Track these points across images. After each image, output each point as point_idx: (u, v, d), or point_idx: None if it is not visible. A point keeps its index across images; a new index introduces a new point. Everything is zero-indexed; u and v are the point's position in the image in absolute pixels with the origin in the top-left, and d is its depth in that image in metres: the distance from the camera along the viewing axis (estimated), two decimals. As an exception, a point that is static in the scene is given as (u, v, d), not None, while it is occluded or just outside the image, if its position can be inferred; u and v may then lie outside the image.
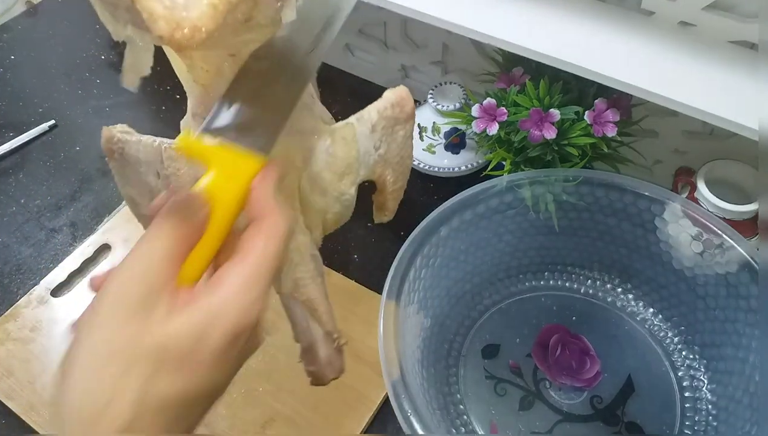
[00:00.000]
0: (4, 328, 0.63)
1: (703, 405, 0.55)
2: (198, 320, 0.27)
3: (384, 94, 0.42)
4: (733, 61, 0.52)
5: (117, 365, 0.26)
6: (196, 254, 0.30)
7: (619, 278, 0.62)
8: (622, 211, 0.59)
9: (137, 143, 0.41)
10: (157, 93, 0.87)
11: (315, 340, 0.41)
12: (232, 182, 0.31)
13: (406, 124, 0.41)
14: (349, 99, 0.85)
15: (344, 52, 0.86)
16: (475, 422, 0.55)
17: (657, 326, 0.60)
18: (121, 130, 0.42)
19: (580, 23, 0.55)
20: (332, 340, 0.41)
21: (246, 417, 0.56)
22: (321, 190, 0.39)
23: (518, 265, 0.64)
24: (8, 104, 0.87)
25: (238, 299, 0.28)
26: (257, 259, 0.29)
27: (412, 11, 0.58)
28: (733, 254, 0.53)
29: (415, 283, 0.54)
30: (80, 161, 0.80)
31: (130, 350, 0.26)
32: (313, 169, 0.38)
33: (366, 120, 0.40)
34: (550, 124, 0.57)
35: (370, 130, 0.40)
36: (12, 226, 0.73)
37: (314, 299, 0.40)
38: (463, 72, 0.77)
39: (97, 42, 0.96)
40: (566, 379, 0.57)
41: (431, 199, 0.73)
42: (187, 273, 0.29)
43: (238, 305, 0.28)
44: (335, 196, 0.40)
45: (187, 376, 0.27)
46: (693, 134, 0.64)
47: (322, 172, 0.39)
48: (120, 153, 0.42)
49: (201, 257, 0.30)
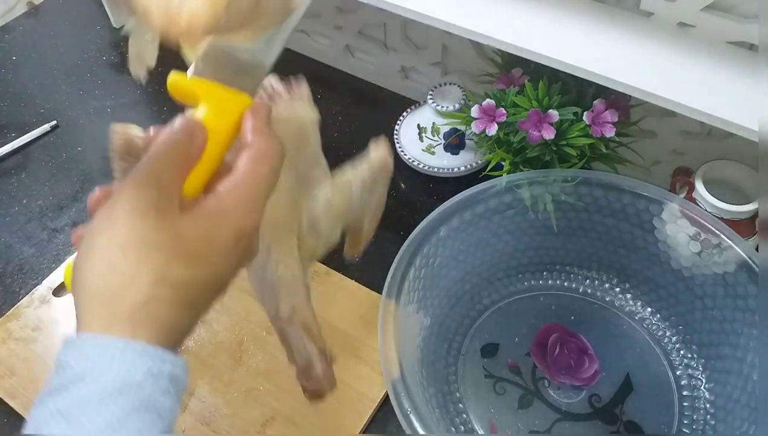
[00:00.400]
0: (7, 327, 0.63)
1: (701, 404, 0.55)
2: (206, 221, 0.31)
3: (371, 151, 0.48)
4: (731, 62, 0.52)
5: (137, 250, 0.29)
6: (195, 174, 0.33)
7: (617, 277, 0.63)
8: (621, 212, 0.59)
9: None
10: (159, 94, 0.87)
11: (311, 357, 0.44)
12: (225, 114, 0.34)
13: (386, 182, 0.48)
14: (349, 100, 0.86)
15: (344, 53, 0.87)
16: (475, 421, 0.55)
17: (655, 326, 0.60)
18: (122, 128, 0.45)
19: (579, 24, 0.56)
20: (325, 356, 0.44)
21: (246, 417, 0.57)
22: (316, 232, 0.45)
23: (517, 265, 0.64)
24: (10, 105, 0.88)
25: (239, 205, 0.32)
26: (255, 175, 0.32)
27: (411, 12, 0.58)
28: (731, 254, 0.53)
29: (414, 282, 0.54)
30: (82, 161, 0.80)
31: (149, 239, 0.29)
32: (313, 213, 0.44)
33: (359, 176, 0.46)
34: (548, 124, 0.57)
35: (361, 185, 0.46)
36: (14, 226, 0.74)
37: (309, 321, 0.43)
38: (463, 73, 0.77)
39: (99, 43, 0.96)
40: (565, 378, 0.57)
41: (431, 199, 0.73)
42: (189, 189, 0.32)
43: (240, 211, 0.32)
44: (326, 238, 0.45)
45: (197, 266, 0.30)
46: (691, 135, 0.64)
47: (321, 217, 0.44)
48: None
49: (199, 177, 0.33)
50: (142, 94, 0.87)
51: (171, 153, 0.32)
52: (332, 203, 0.44)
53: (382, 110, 0.83)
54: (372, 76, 0.87)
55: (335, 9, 0.83)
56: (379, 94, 0.86)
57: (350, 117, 0.83)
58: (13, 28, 1.00)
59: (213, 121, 0.34)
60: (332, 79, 0.88)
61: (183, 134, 0.32)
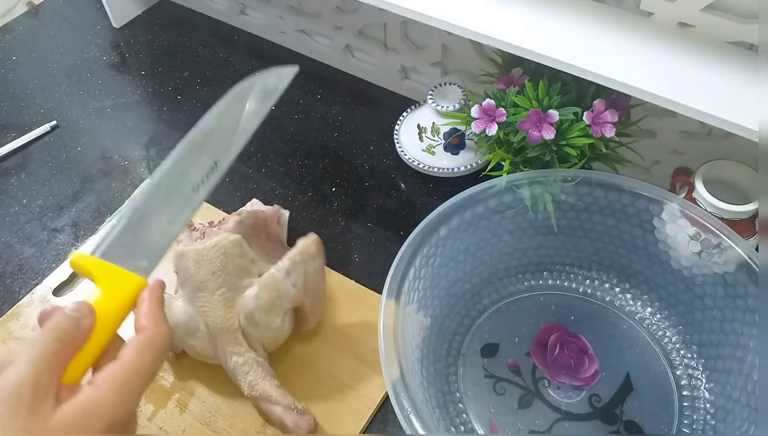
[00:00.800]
0: (7, 327, 0.63)
1: (701, 404, 0.55)
2: (80, 415, 0.32)
3: (296, 242, 0.57)
4: (731, 62, 0.52)
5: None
6: (81, 356, 0.35)
7: (617, 277, 0.63)
8: (621, 212, 0.59)
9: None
10: (158, 94, 0.87)
11: (280, 415, 0.53)
12: (116, 297, 0.37)
13: (314, 262, 0.57)
14: (349, 100, 0.86)
15: (344, 53, 0.87)
16: (475, 421, 0.55)
17: (655, 326, 0.60)
18: None
19: (579, 24, 0.56)
20: (292, 409, 0.53)
21: (246, 417, 0.57)
22: (254, 323, 0.54)
23: (517, 264, 0.64)
24: (10, 105, 0.88)
25: (116, 397, 0.33)
26: (137, 365, 0.35)
27: (411, 12, 0.58)
28: (731, 254, 0.53)
29: (415, 282, 0.54)
30: (82, 161, 0.80)
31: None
32: (246, 309, 0.54)
33: (282, 268, 0.55)
34: (548, 124, 0.57)
35: (286, 274, 0.55)
36: (14, 226, 0.74)
37: (266, 391, 0.54)
38: (463, 73, 0.77)
39: (99, 43, 0.97)
40: (565, 378, 0.57)
41: (430, 199, 0.73)
42: (73, 372, 0.34)
43: (115, 403, 0.33)
44: (265, 326, 0.55)
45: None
46: (691, 135, 0.64)
47: (254, 312, 0.54)
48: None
49: (85, 359, 0.35)
50: (142, 94, 0.87)
51: (53, 342, 0.33)
52: (260, 297, 0.54)
53: (382, 110, 0.83)
54: (372, 76, 0.87)
55: (335, 9, 0.83)
56: (379, 94, 0.86)
57: (350, 117, 0.83)
58: (13, 28, 1.00)
59: (104, 304, 0.36)
60: (332, 79, 0.88)
61: (70, 320, 0.34)
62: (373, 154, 0.79)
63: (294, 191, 0.75)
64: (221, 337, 0.54)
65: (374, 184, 0.75)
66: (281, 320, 0.56)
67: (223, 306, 0.54)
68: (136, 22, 1.00)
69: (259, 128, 0.45)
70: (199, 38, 0.96)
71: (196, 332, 0.55)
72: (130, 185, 0.77)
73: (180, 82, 0.89)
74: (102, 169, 0.79)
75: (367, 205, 0.74)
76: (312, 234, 0.58)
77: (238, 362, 0.54)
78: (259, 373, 0.54)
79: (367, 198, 0.74)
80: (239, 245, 0.55)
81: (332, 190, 0.75)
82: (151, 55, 0.94)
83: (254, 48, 0.94)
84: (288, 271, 0.55)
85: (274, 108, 0.47)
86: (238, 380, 0.55)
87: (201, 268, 0.54)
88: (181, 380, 0.59)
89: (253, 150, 0.79)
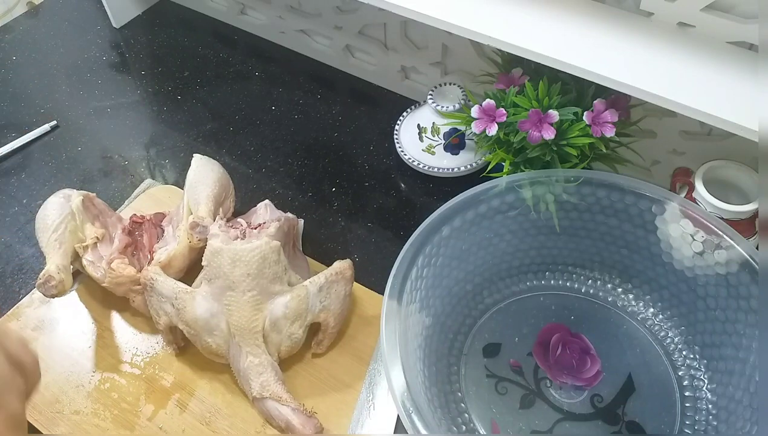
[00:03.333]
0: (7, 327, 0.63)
1: (703, 405, 0.55)
2: None
3: (334, 263, 0.59)
4: (731, 62, 0.52)
5: None
6: None
7: (619, 277, 0.63)
8: (623, 212, 0.59)
9: (163, 281, 0.57)
10: (158, 94, 0.87)
11: (287, 417, 0.54)
12: None
13: (346, 286, 0.59)
14: (349, 100, 0.86)
15: (344, 53, 0.87)
16: (476, 421, 0.55)
17: (657, 326, 0.60)
18: (155, 272, 0.58)
19: (579, 24, 0.56)
20: (300, 411, 0.54)
21: (246, 416, 0.57)
22: (277, 330, 0.56)
23: (519, 264, 0.64)
24: (10, 105, 0.88)
25: None
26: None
27: (412, 12, 0.58)
28: (733, 254, 0.53)
29: (416, 282, 0.54)
30: (82, 162, 0.80)
31: None
32: (274, 315, 0.56)
33: (316, 283, 0.57)
34: (548, 124, 0.57)
35: (318, 290, 0.57)
36: (14, 226, 0.73)
37: (277, 392, 0.55)
38: (463, 73, 0.77)
39: (99, 43, 0.96)
40: (567, 378, 0.57)
41: (430, 199, 0.73)
42: None
43: None
44: (287, 335, 0.57)
45: None
46: (691, 135, 0.64)
47: (280, 319, 0.56)
48: (151, 286, 0.58)
49: None
50: (142, 94, 0.87)
51: None
52: (289, 306, 0.56)
53: (382, 110, 0.83)
54: (372, 76, 0.87)
55: (335, 9, 0.83)
56: (379, 94, 0.86)
57: (350, 117, 0.83)
58: (13, 28, 1.00)
59: None
60: (332, 79, 0.88)
61: None
62: (373, 154, 0.78)
63: (294, 191, 0.75)
64: (242, 337, 0.55)
65: (374, 184, 0.75)
66: (303, 332, 0.57)
67: (251, 308, 0.55)
68: (136, 22, 1.00)
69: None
70: (199, 38, 0.96)
71: (215, 329, 0.55)
72: (130, 185, 0.77)
73: (180, 82, 0.89)
74: (102, 169, 0.79)
75: (367, 206, 0.74)
76: (348, 260, 0.60)
77: (253, 362, 0.55)
78: (273, 375, 0.55)
79: (367, 198, 0.74)
80: (278, 251, 0.56)
81: (332, 190, 0.75)
82: (151, 55, 0.94)
83: (254, 48, 0.94)
84: (321, 287, 0.57)
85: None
86: (249, 380, 0.55)
87: (236, 268, 0.55)
88: (181, 380, 0.59)
89: (253, 150, 0.79)
